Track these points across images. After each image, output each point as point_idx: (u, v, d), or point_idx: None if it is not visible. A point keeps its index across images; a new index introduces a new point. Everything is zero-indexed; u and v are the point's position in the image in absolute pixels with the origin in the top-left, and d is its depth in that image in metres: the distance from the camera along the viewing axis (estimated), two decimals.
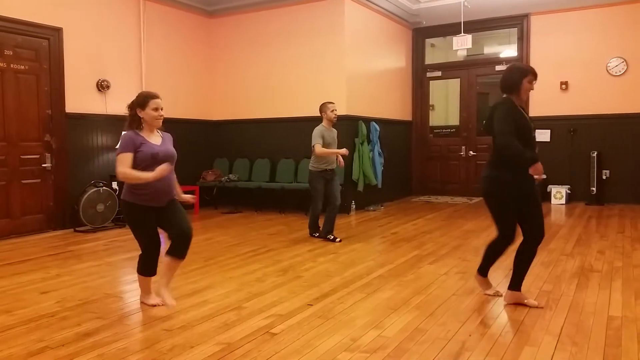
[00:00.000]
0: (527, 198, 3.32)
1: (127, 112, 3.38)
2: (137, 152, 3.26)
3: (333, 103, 5.81)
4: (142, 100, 3.32)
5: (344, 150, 5.71)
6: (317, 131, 5.66)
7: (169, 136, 3.51)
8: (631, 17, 8.23)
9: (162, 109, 3.36)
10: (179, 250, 3.33)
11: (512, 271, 3.46)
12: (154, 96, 3.34)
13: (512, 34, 9.41)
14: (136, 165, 3.25)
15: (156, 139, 3.39)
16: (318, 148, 5.57)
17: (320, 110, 5.79)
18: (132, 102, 3.36)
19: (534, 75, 3.39)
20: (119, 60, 7.29)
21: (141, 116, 3.32)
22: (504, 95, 3.39)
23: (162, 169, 3.18)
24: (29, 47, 6.25)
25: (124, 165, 3.23)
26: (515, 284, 3.43)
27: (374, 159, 8.28)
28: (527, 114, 3.46)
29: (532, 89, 3.40)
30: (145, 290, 3.54)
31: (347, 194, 7.73)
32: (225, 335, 2.95)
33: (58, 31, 6.49)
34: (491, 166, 3.40)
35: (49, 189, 6.50)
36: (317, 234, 5.85)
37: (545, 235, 3.40)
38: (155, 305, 3.45)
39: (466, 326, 3.05)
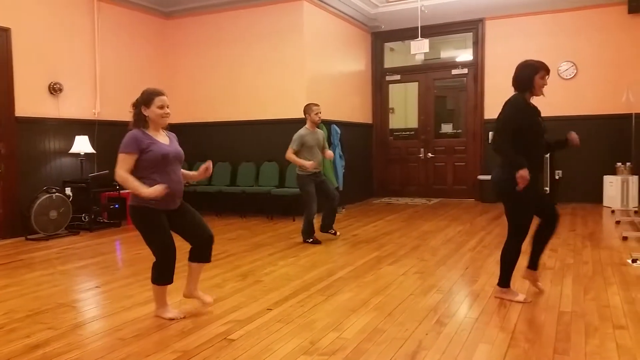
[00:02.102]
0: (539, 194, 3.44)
1: (131, 110, 3.23)
2: (146, 153, 3.08)
3: (318, 105, 5.72)
4: (147, 98, 3.17)
5: (310, 163, 5.44)
6: (297, 135, 5.57)
7: (174, 136, 3.36)
8: (580, 23, 8.56)
9: (168, 107, 3.21)
10: (205, 255, 3.37)
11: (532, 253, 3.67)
12: (159, 93, 3.19)
13: (468, 38, 9.64)
14: (145, 167, 3.09)
15: (164, 139, 3.23)
16: (288, 153, 5.56)
17: (304, 112, 5.71)
18: (137, 100, 3.20)
19: (546, 70, 3.33)
20: (72, 62, 7.08)
21: (146, 115, 3.17)
22: (515, 93, 3.36)
23: (158, 190, 3.00)
24: None
25: (123, 167, 3.07)
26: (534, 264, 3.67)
27: (335, 162, 8.29)
28: (538, 111, 3.42)
29: (546, 84, 3.35)
30: (161, 303, 3.28)
31: None
32: (182, 342, 2.90)
33: (6, 31, 6.24)
34: (500, 168, 3.40)
35: None
36: (311, 239, 5.64)
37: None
38: (173, 319, 3.22)
39: (423, 325, 3.09)
